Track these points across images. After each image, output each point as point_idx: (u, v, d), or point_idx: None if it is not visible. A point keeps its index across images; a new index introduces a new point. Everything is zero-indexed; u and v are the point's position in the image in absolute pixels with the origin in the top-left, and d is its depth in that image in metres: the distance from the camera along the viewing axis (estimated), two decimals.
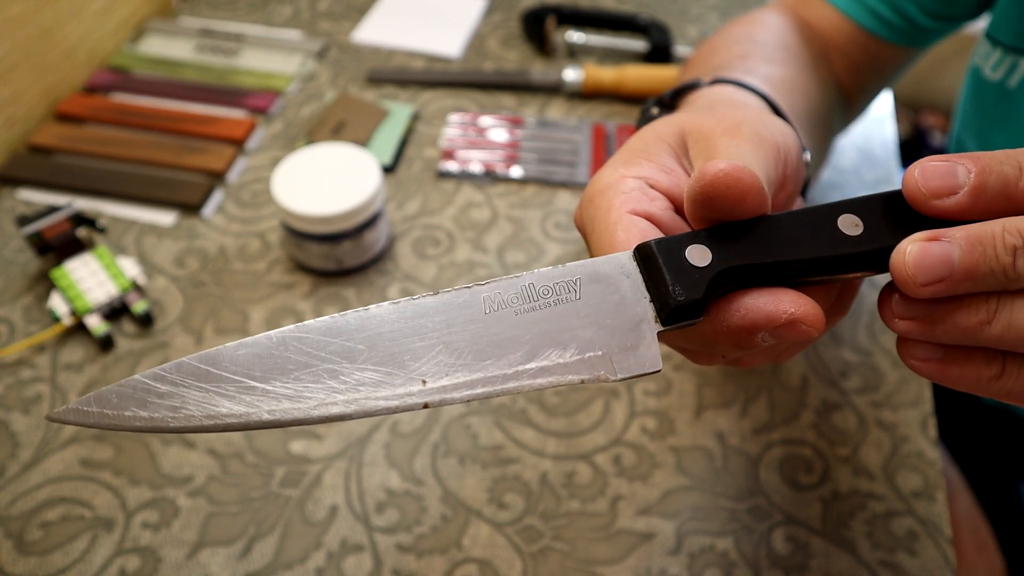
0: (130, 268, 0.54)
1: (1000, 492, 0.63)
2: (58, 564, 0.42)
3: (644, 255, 0.26)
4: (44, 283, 0.55)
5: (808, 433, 0.49)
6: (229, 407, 0.24)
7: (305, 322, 0.25)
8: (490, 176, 0.65)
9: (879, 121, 0.72)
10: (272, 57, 0.76)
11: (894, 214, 0.26)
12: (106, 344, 0.52)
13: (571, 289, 0.26)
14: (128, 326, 0.53)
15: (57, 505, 0.45)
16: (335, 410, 0.24)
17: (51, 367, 0.51)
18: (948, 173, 0.25)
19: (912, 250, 0.24)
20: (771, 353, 0.33)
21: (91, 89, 0.71)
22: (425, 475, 0.47)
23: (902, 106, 1.55)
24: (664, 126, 0.34)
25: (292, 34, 0.79)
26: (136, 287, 0.54)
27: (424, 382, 0.25)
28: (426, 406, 0.24)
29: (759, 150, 0.30)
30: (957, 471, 0.63)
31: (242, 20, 0.81)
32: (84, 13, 0.70)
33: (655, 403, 0.50)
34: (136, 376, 0.24)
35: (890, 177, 0.67)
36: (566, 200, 0.64)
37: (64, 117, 0.68)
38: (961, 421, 0.67)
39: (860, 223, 0.26)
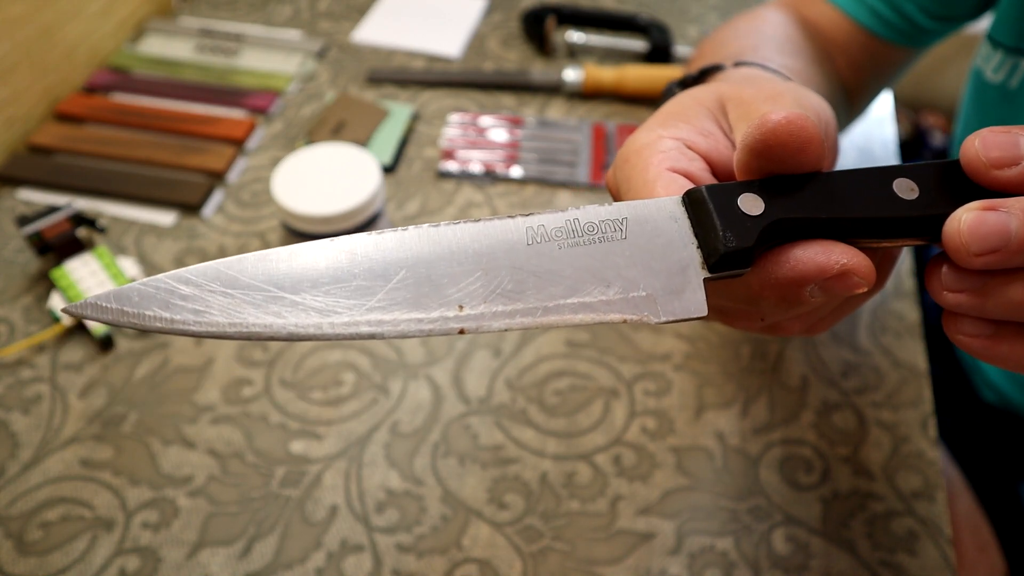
0: (130, 268, 0.54)
1: (1001, 492, 0.63)
2: (58, 564, 0.42)
3: (694, 200, 0.26)
4: (44, 283, 0.55)
5: (808, 433, 0.49)
6: (255, 316, 0.23)
7: (341, 237, 0.24)
8: (490, 176, 0.65)
9: (879, 121, 0.72)
10: (272, 57, 0.76)
11: (950, 183, 0.26)
12: (106, 344, 0.52)
13: (617, 228, 0.26)
14: None
15: (57, 505, 0.45)
16: (365, 329, 0.23)
17: (51, 367, 0.51)
18: (1010, 143, 0.24)
19: (968, 218, 0.23)
20: (809, 320, 0.32)
21: (91, 89, 0.71)
22: (425, 475, 0.47)
23: (902, 106, 1.55)
24: (702, 92, 0.33)
25: (292, 34, 0.79)
26: None
27: (461, 307, 0.24)
28: (462, 331, 0.24)
29: None
30: (958, 471, 0.63)
31: (242, 20, 0.81)
32: (84, 13, 0.70)
33: (655, 403, 0.50)
34: (160, 275, 0.23)
35: None
36: (566, 200, 0.64)
37: (64, 117, 0.68)
38: (961, 421, 0.67)
39: (916, 188, 0.26)
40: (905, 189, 0.26)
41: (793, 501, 0.46)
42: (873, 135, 0.70)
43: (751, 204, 0.25)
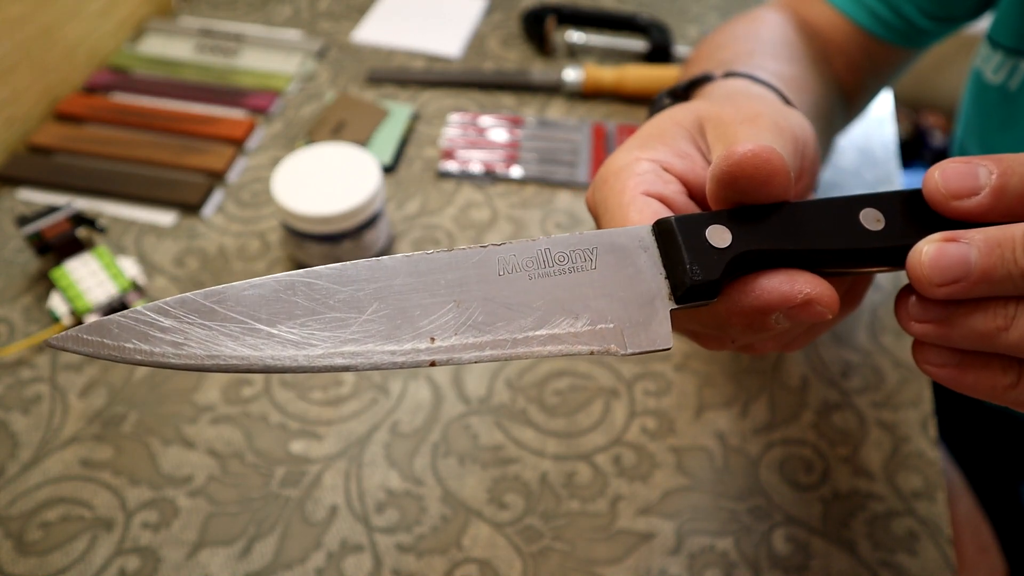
0: (130, 268, 0.54)
1: (1001, 494, 0.63)
2: (58, 564, 0.42)
3: (663, 231, 0.26)
4: (44, 283, 0.55)
5: (808, 433, 0.49)
6: (233, 348, 0.23)
7: (315, 267, 0.25)
8: (490, 176, 0.65)
9: (879, 121, 0.72)
10: (272, 57, 0.76)
11: (916, 212, 0.26)
12: None
13: (587, 258, 0.26)
14: None
15: (57, 505, 0.45)
16: (340, 361, 0.24)
17: (51, 367, 0.51)
18: (969, 174, 0.25)
19: (929, 250, 0.24)
20: (782, 340, 0.32)
21: (91, 89, 0.71)
22: (425, 475, 0.47)
23: (902, 106, 1.55)
24: (681, 112, 0.34)
25: (292, 34, 0.79)
26: (136, 287, 0.54)
27: (432, 339, 0.24)
28: (433, 364, 0.24)
29: (779, 140, 0.30)
30: (958, 473, 0.63)
31: (242, 20, 0.81)
32: (84, 13, 0.70)
33: (655, 403, 0.50)
34: (139, 307, 0.24)
35: (890, 177, 0.67)
36: (566, 200, 0.64)
37: (64, 117, 0.68)
38: (962, 423, 0.67)
39: (882, 218, 0.26)
40: (871, 220, 0.26)
41: (793, 501, 0.46)
42: (873, 135, 0.70)
43: (719, 236, 0.26)
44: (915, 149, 1.53)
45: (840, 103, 0.52)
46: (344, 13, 0.82)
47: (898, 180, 0.67)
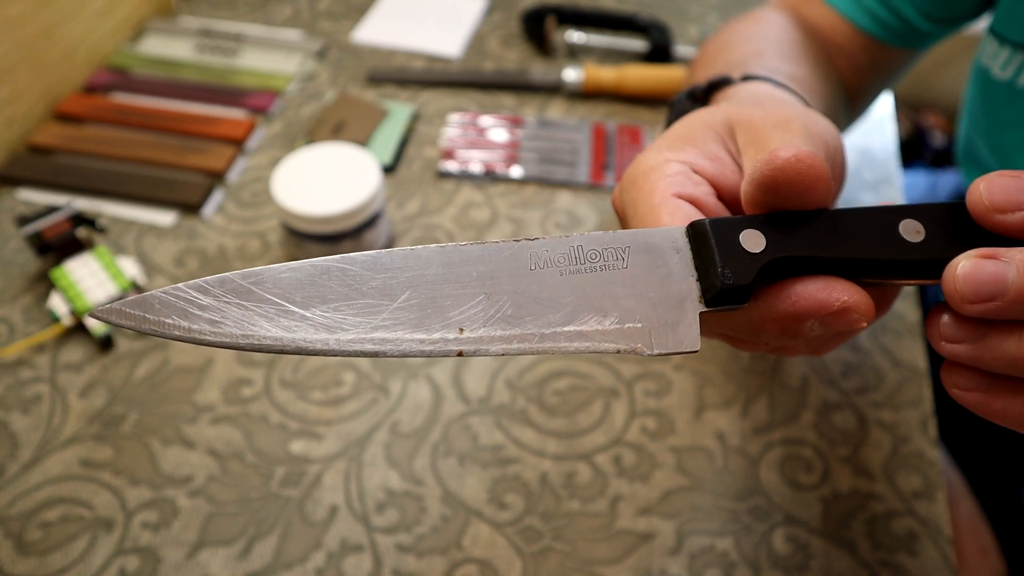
0: (130, 268, 0.54)
1: (1002, 496, 0.63)
2: (58, 564, 0.42)
3: (697, 233, 0.26)
4: (44, 283, 0.55)
5: (808, 433, 0.49)
6: (267, 329, 0.24)
7: (351, 253, 0.25)
8: (490, 176, 0.65)
9: (879, 122, 0.72)
10: (272, 57, 0.76)
11: (958, 226, 0.25)
12: (106, 344, 0.52)
13: (619, 256, 0.26)
14: None
15: (57, 505, 0.45)
16: (370, 347, 0.24)
17: (51, 367, 0.51)
18: (1015, 188, 0.24)
19: (965, 265, 0.23)
20: (813, 344, 0.32)
21: (91, 89, 0.71)
22: (425, 475, 0.47)
23: (902, 106, 1.55)
24: (710, 115, 0.33)
25: (292, 34, 0.79)
26: (136, 287, 0.54)
27: (461, 330, 0.25)
28: (460, 354, 0.24)
29: (811, 146, 0.30)
30: (959, 475, 0.63)
31: (242, 20, 0.81)
32: (84, 13, 0.70)
33: (655, 403, 0.50)
34: (180, 284, 0.24)
35: (890, 178, 0.67)
36: (566, 200, 0.64)
37: (64, 117, 0.68)
38: (962, 425, 0.67)
39: (922, 230, 0.26)
40: (911, 231, 0.26)
41: (793, 501, 0.46)
42: (873, 135, 0.70)
43: (753, 241, 0.25)
44: (915, 149, 1.53)
45: (844, 104, 0.52)
46: (344, 13, 0.82)
47: (898, 180, 0.67)
